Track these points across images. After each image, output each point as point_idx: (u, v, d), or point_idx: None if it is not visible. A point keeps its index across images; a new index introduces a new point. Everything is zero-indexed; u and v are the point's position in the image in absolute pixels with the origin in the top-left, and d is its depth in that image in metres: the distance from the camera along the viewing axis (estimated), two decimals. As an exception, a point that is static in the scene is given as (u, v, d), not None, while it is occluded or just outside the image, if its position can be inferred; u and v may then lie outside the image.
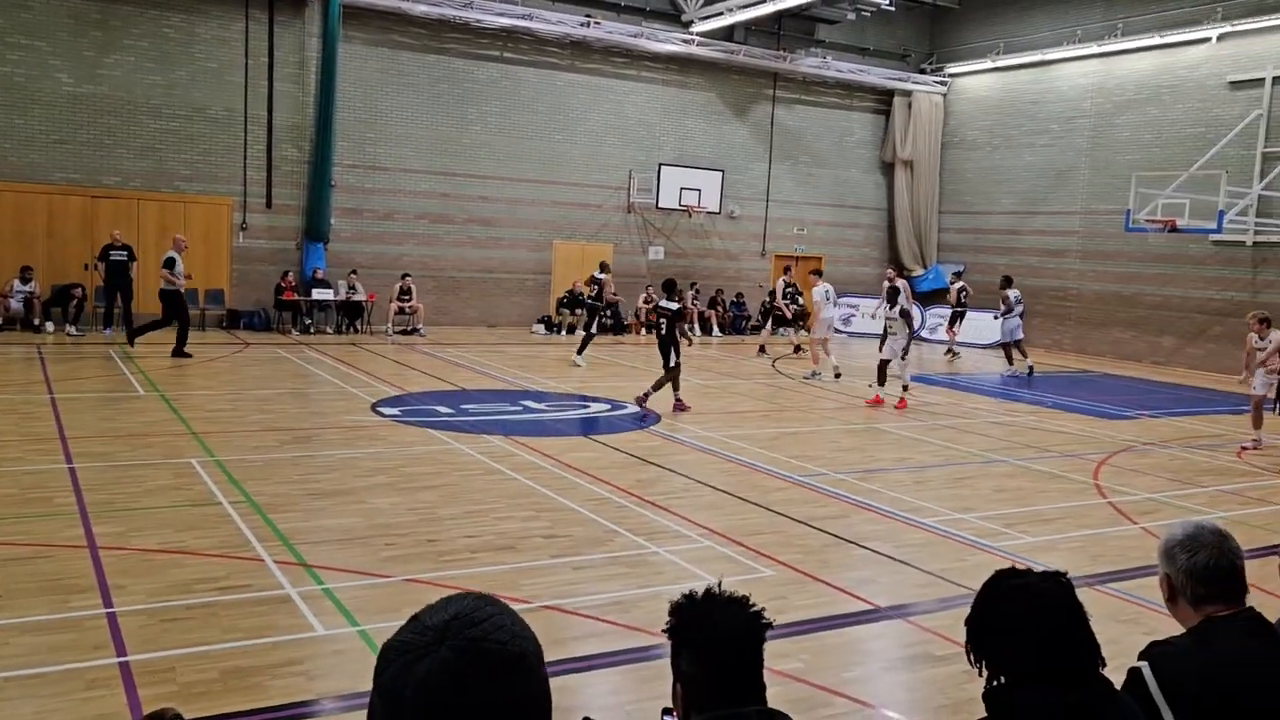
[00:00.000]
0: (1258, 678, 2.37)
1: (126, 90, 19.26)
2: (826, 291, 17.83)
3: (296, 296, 20.47)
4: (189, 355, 16.08)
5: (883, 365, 14.90)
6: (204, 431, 10.43)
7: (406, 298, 21.19)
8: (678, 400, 13.28)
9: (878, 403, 14.64)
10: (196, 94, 19.88)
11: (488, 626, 1.15)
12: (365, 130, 21.53)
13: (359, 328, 21.01)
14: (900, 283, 15.79)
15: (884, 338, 15.20)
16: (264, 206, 20.77)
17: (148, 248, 19.54)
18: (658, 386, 13.23)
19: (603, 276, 18.50)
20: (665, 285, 13.84)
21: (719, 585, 1.93)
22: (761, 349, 20.62)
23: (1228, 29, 20.88)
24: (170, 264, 16.00)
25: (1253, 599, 2.69)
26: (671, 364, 13.16)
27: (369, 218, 21.83)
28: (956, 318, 22.30)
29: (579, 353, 17.49)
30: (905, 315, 14.87)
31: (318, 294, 20.43)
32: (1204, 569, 2.52)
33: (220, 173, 20.30)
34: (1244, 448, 12.66)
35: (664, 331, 13.35)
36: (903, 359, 14.78)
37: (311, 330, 20.46)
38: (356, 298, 20.87)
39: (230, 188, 20.44)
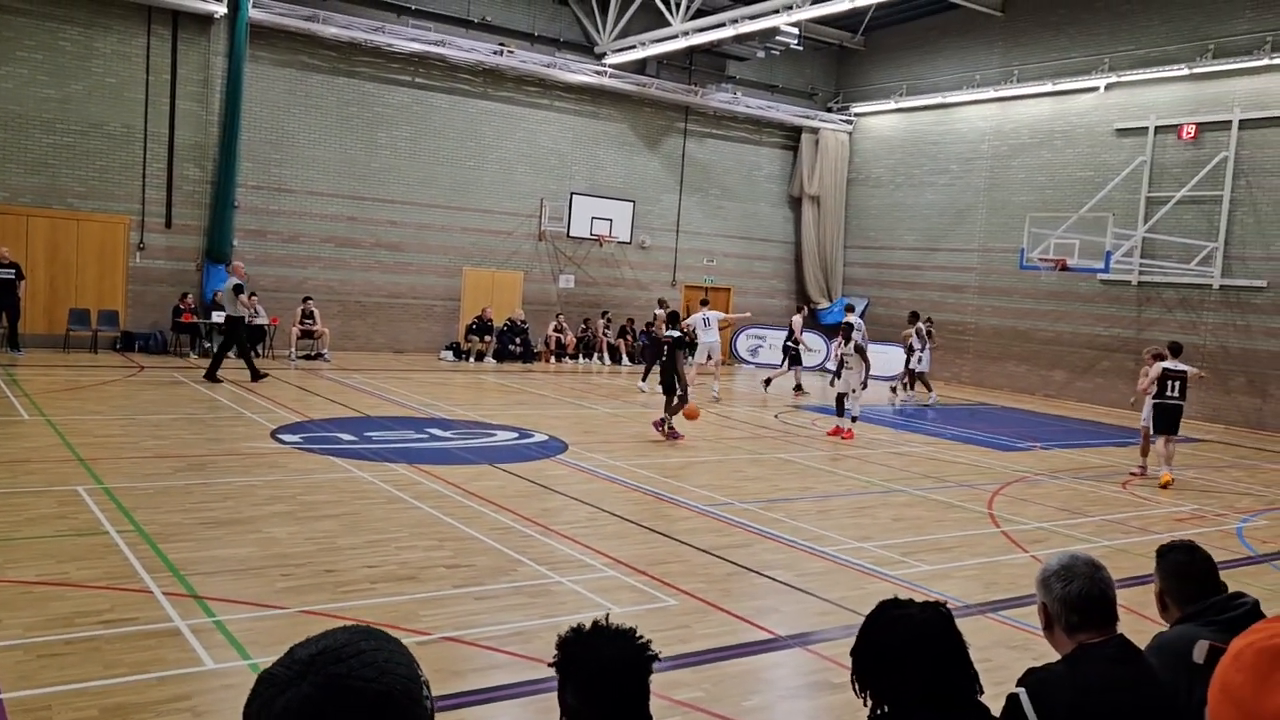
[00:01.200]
0: (1124, 701, 2.48)
1: (18, 103, 18.57)
2: (705, 319, 18.66)
3: (196, 319, 19.90)
4: (265, 375, 16.73)
5: (840, 398, 15.34)
6: (92, 458, 10.04)
7: (309, 321, 20.76)
8: (667, 426, 13.63)
9: (836, 433, 15.02)
10: (93, 109, 19.27)
11: (355, 663, 1.13)
12: (271, 151, 21.14)
13: (260, 352, 20.48)
14: (854, 319, 16.55)
15: (838, 372, 15.77)
16: (163, 226, 20.19)
17: (36, 265, 18.85)
18: (672, 414, 13.66)
19: (660, 312, 20.48)
20: (670, 316, 14.61)
21: (606, 618, 1.95)
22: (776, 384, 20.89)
23: (1115, 79, 21.93)
24: (239, 290, 16.50)
25: (1134, 624, 2.81)
26: (679, 393, 13.53)
27: (273, 240, 21.40)
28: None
29: (644, 379, 19.19)
30: (860, 350, 15.41)
31: (218, 317, 19.87)
32: (1077, 598, 2.63)
33: (117, 190, 19.68)
34: (1131, 474, 13.25)
35: (665, 358, 13.78)
36: (855, 393, 15.25)
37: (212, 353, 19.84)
38: (259, 321, 20.35)
39: (127, 206, 19.83)
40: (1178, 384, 12.74)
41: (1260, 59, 19.53)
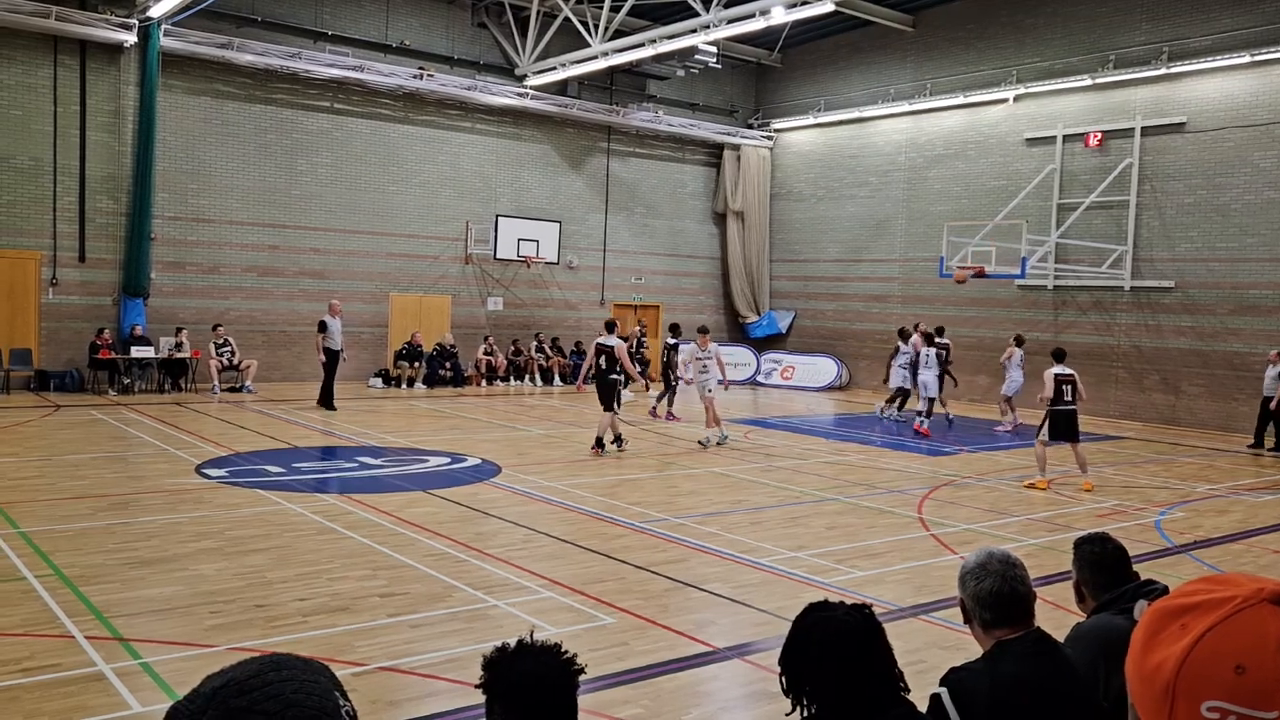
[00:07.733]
0: (1039, 694, 2.56)
1: (-82, 138, 17.97)
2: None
3: (114, 355, 19.36)
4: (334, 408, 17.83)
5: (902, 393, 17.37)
6: (6, 502, 9.71)
7: (225, 349, 20.25)
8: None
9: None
10: (-1, 142, 18.73)
11: (258, 695, 1.09)
12: (188, 181, 20.73)
13: (183, 386, 20.01)
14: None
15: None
16: (76, 260, 19.65)
17: (-57, 306, 18.19)
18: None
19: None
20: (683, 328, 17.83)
21: (530, 635, 1.96)
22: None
23: (1022, 90, 22.61)
24: (320, 327, 18.23)
25: (1061, 619, 2.90)
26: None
27: (192, 271, 20.96)
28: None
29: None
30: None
31: (137, 351, 19.39)
32: (988, 595, 2.71)
33: (26, 225, 19.12)
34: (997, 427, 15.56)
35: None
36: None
37: (134, 390, 19.34)
38: (181, 355, 19.88)
39: (38, 241, 19.26)
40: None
41: (1158, 69, 20.31)
